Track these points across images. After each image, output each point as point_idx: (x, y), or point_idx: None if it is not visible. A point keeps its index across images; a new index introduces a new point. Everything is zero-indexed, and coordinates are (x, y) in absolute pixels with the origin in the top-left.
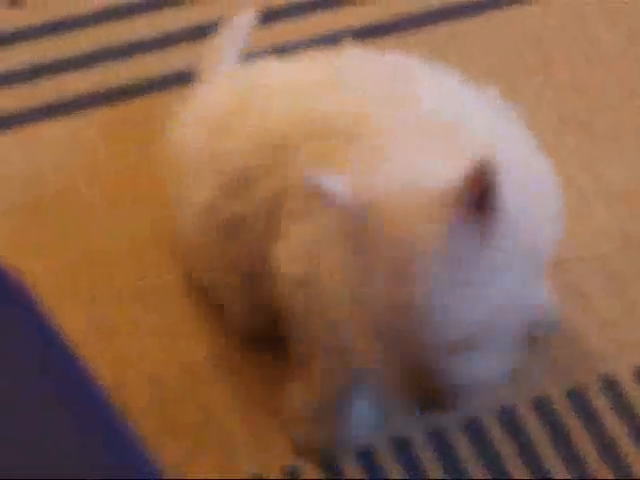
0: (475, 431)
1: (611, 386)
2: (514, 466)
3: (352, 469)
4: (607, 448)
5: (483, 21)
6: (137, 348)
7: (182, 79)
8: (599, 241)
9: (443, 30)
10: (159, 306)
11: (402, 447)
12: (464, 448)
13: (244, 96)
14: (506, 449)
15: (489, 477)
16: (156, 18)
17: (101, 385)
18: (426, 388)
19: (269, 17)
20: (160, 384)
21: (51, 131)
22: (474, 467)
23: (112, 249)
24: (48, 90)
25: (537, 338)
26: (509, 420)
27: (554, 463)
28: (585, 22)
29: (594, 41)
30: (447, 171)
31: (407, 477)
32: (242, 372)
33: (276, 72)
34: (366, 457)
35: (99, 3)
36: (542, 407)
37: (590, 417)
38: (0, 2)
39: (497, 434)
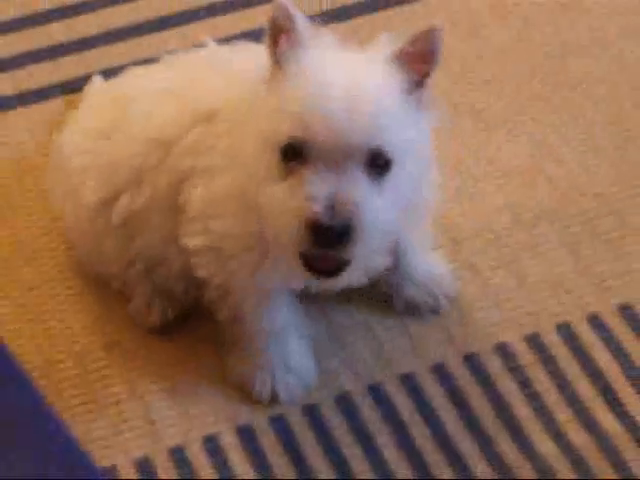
0: (379, 397)
1: (505, 353)
2: (418, 431)
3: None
4: (502, 410)
5: (379, 19)
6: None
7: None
8: (491, 219)
9: (339, 28)
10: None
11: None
12: (368, 413)
13: (121, 103)
14: (407, 414)
15: (395, 440)
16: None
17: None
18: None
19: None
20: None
21: None
22: (379, 431)
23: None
24: None
25: (435, 309)
26: (411, 387)
27: (455, 426)
28: (475, 19)
29: (485, 37)
30: None
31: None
32: (155, 353)
33: (143, 79)
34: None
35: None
36: (441, 373)
37: (486, 381)
38: None
39: (400, 400)
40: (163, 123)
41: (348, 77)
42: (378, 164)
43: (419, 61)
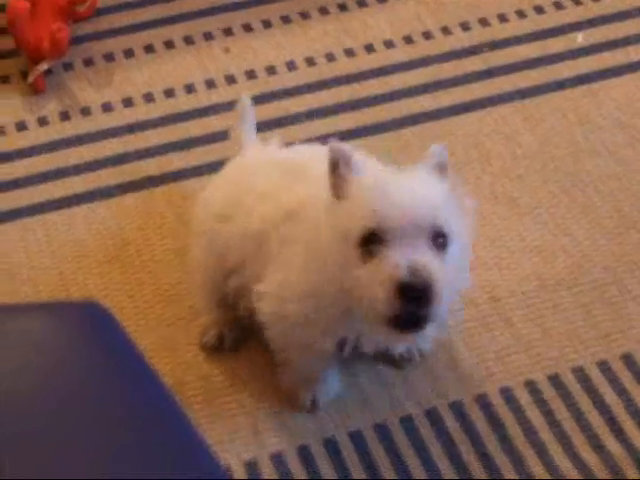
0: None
1: (532, 389)
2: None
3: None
4: (530, 434)
5: (430, 130)
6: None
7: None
8: (522, 283)
9: (405, 133)
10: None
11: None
12: (350, 457)
13: (238, 191)
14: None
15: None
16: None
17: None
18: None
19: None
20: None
21: (131, 202)
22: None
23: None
24: (128, 173)
25: (409, 360)
26: (459, 413)
27: (494, 447)
28: (511, 128)
29: (519, 142)
30: None
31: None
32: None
33: (249, 173)
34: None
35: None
36: (482, 403)
37: (517, 410)
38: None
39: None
40: (257, 220)
41: (404, 180)
42: (439, 242)
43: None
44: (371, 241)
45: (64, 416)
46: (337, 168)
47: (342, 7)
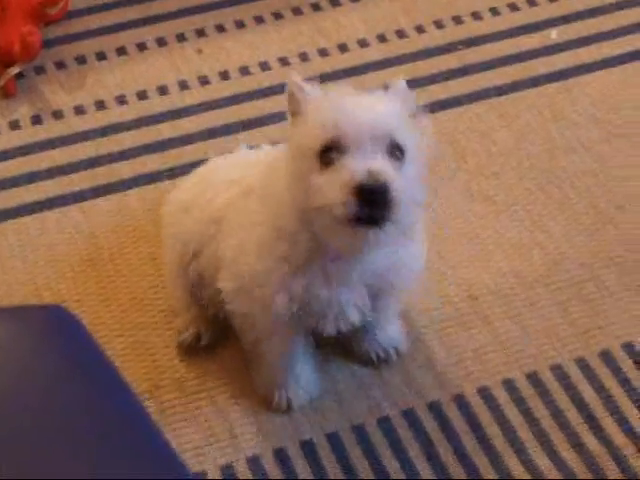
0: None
1: (510, 387)
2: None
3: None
4: (508, 432)
5: None
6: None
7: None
8: (499, 281)
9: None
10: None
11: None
12: (327, 458)
13: (202, 185)
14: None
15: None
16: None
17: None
18: None
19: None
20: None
21: (105, 205)
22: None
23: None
24: (101, 177)
25: (386, 361)
26: (438, 414)
27: (473, 447)
28: (486, 125)
29: (494, 139)
30: None
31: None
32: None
33: (218, 170)
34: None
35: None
36: (460, 403)
37: (496, 409)
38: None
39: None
40: (220, 205)
41: (366, 99)
42: (396, 154)
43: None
44: (330, 150)
45: (27, 424)
46: (300, 100)
47: (315, 7)
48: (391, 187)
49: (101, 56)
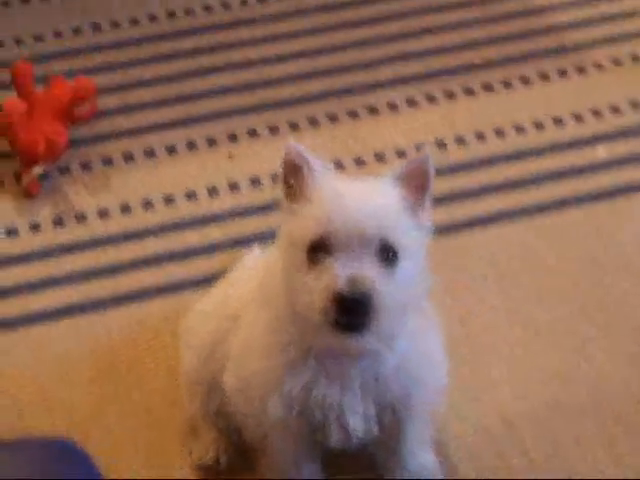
0: None
1: None
2: None
3: None
4: None
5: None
6: None
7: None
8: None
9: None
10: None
11: None
12: None
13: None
14: None
15: None
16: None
17: None
18: None
19: None
20: None
21: (125, 315)
22: None
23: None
24: (123, 284)
25: None
26: None
27: None
28: (527, 242)
29: (535, 258)
30: None
31: None
32: None
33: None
34: None
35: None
36: None
37: None
38: None
39: None
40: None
41: (360, 191)
42: (388, 256)
43: (416, 182)
44: (318, 248)
45: None
46: (298, 170)
47: (353, 114)
48: (373, 295)
49: (128, 157)
